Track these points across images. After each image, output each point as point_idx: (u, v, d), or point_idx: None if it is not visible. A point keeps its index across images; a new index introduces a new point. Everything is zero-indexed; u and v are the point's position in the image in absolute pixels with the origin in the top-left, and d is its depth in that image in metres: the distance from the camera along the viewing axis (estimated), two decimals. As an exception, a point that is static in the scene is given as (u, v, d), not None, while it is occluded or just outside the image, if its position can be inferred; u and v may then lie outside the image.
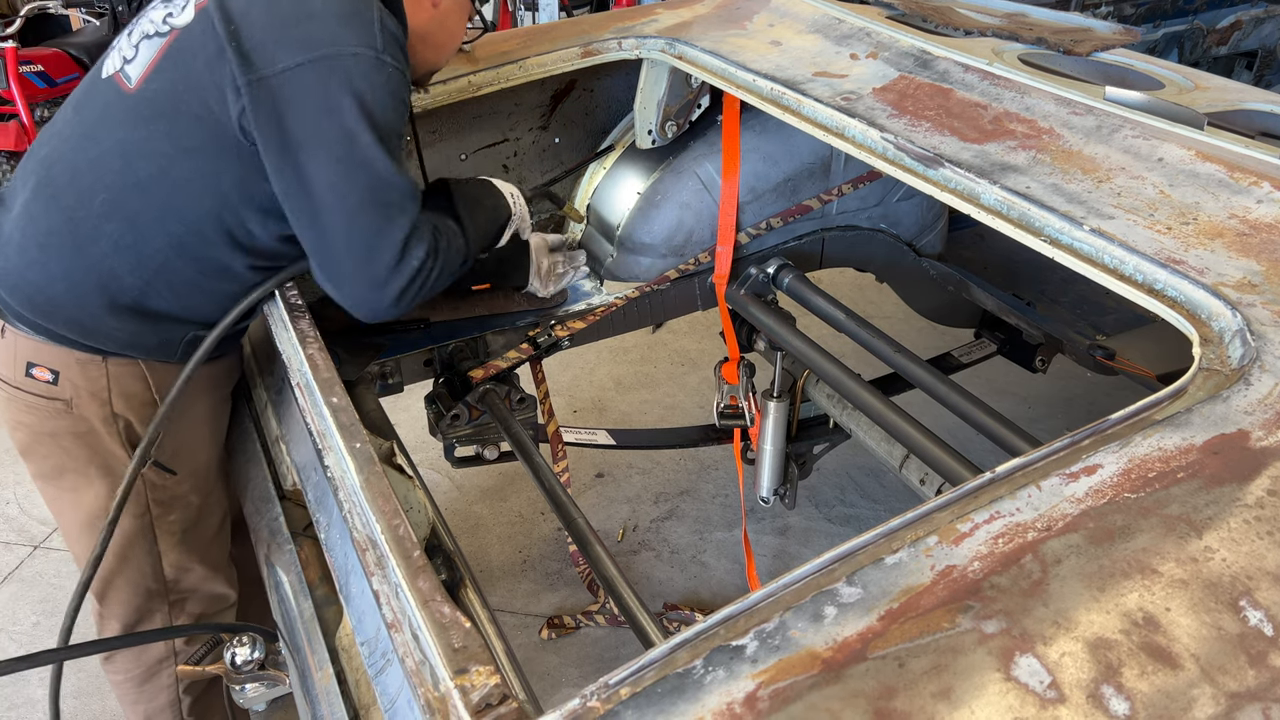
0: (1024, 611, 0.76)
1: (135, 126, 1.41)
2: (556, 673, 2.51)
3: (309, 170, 1.32)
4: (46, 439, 1.57)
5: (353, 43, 1.31)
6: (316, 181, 1.33)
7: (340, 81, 1.30)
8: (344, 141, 1.31)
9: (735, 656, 0.73)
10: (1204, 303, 1.09)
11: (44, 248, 1.45)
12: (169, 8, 1.44)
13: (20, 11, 4.83)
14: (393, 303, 1.42)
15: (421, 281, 1.43)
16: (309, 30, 1.30)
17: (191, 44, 1.37)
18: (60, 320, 1.48)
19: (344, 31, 1.31)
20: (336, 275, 1.41)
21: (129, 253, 1.44)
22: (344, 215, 1.34)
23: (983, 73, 1.62)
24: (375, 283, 1.39)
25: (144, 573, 1.68)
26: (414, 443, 3.15)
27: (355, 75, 1.31)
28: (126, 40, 1.48)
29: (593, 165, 2.24)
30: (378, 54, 1.33)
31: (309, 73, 1.29)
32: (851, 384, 1.85)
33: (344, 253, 1.38)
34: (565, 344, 1.99)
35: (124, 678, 1.80)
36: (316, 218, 1.36)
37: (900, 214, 2.29)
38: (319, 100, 1.30)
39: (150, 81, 1.40)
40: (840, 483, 3.13)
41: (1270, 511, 0.84)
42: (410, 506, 1.33)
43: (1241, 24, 3.42)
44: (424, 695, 0.90)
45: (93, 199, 1.42)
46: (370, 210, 1.34)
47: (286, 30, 1.31)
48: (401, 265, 1.39)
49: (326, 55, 1.30)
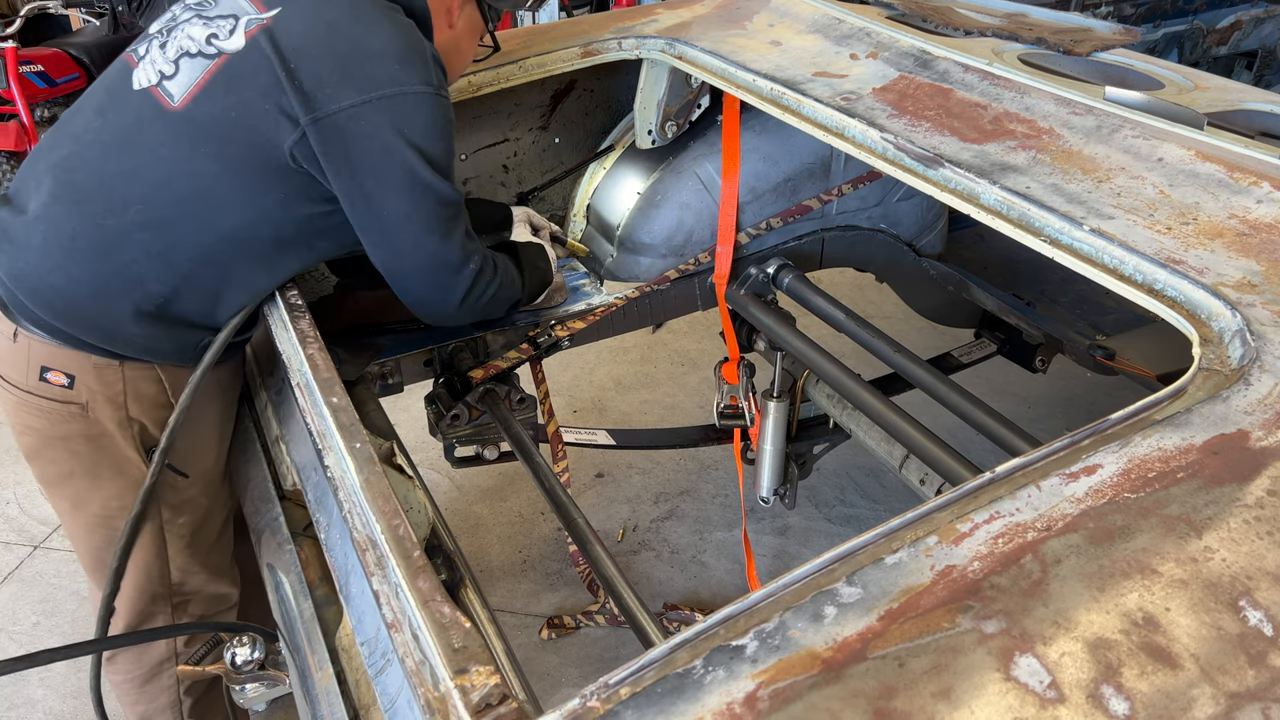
0: (1024, 611, 0.76)
1: (179, 145, 1.43)
2: (556, 673, 2.51)
3: (378, 199, 1.44)
4: (57, 442, 1.57)
5: (414, 82, 1.41)
6: (387, 209, 1.45)
7: (403, 119, 1.40)
8: (410, 174, 1.43)
9: (735, 656, 0.73)
10: (1204, 303, 1.09)
11: (68, 252, 1.45)
12: (210, 27, 1.45)
13: (20, 11, 4.83)
14: (458, 305, 1.58)
15: (482, 289, 1.59)
16: (370, 70, 1.39)
17: (244, 72, 1.41)
18: (80, 324, 1.48)
19: (404, 72, 1.41)
20: (409, 287, 1.56)
21: (158, 260, 1.45)
22: (413, 237, 1.48)
23: (983, 73, 1.62)
24: (442, 286, 1.55)
25: (151, 575, 1.68)
26: (414, 443, 3.15)
27: (417, 113, 1.41)
28: (160, 53, 1.48)
29: (593, 165, 2.24)
30: (435, 91, 1.44)
31: (374, 111, 1.39)
32: (851, 384, 1.85)
33: (413, 267, 1.52)
34: (565, 344, 1.99)
35: (124, 678, 1.80)
36: (388, 239, 1.49)
37: (900, 214, 2.29)
38: (385, 137, 1.40)
39: (199, 103, 1.43)
40: (840, 483, 3.13)
41: (1270, 511, 0.84)
42: (410, 506, 1.33)
43: (1241, 24, 3.42)
44: (424, 695, 0.90)
45: (125, 209, 1.43)
46: (435, 229, 1.48)
47: (348, 69, 1.39)
48: (463, 269, 1.54)
49: (389, 95, 1.39)
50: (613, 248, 2.11)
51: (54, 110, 4.69)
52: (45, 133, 1.57)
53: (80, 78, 4.75)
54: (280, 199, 1.46)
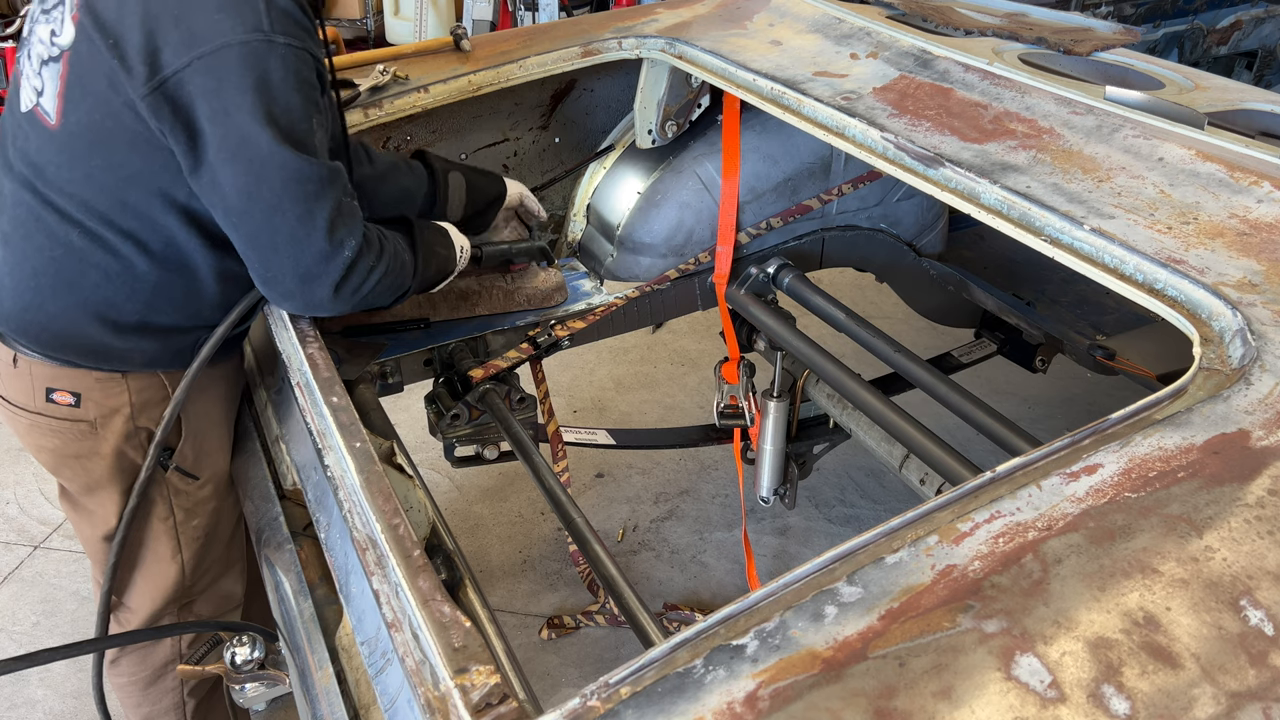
0: (1024, 611, 0.76)
1: (74, 165, 1.35)
2: (556, 673, 2.51)
3: (220, 175, 1.27)
4: (72, 460, 1.57)
5: (242, 30, 1.22)
6: (228, 186, 1.27)
7: (233, 76, 1.21)
8: (247, 142, 1.24)
9: (735, 656, 0.73)
10: (1204, 302, 1.09)
11: (36, 290, 1.43)
12: (50, 22, 1.35)
13: (20, 11, 4.83)
14: (330, 296, 1.35)
15: (360, 278, 1.37)
16: (190, 26, 1.21)
17: (84, 66, 1.29)
18: (72, 351, 1.48)
19: (226, 19, 1.21)
20: (268, 274, 1.35)
21: (120, 279, 1.42)
22: (262, 215, 1.28)
23: (983, 72, 1.62)
24: (307, 276, 1.33)
25: (166, 577, 1.69)
26: (414, 443, 3.15)
27: (248, 67, 1.22)
28: (29, 66, 1.41)
29: (593, 165, 2.24)
30: (267, 36, 1.23)
31: (199, 73, 1.21)
32: (851, 384, 1.85)
33: (270, 251, 1.32)
34: (565, 344, 1.99)
35: (128, 680, 1.79)
36: (238, 221, 1.31)
37: (900, 214, 2.29)
38: (214, 101, 1.22)
39: (67, 115, 1.33)
40: (840, 483, 3.13)
41: (1270, 511, 0.84)
42: (410, 506, 1.33)
43: (1241, 24, 3.42)
44: (424, 695, 0.90)
45: (67, 237, 1.39)
46: (287, 205, 1.27)
47: (166, 30, 1.22)
48: (334, 254, 1.32)
49: (213, 50, 1.21)
50: (613, 247, 2.11)
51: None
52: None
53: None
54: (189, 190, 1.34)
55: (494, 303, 1.96)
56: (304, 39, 1.29)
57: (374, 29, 6.36)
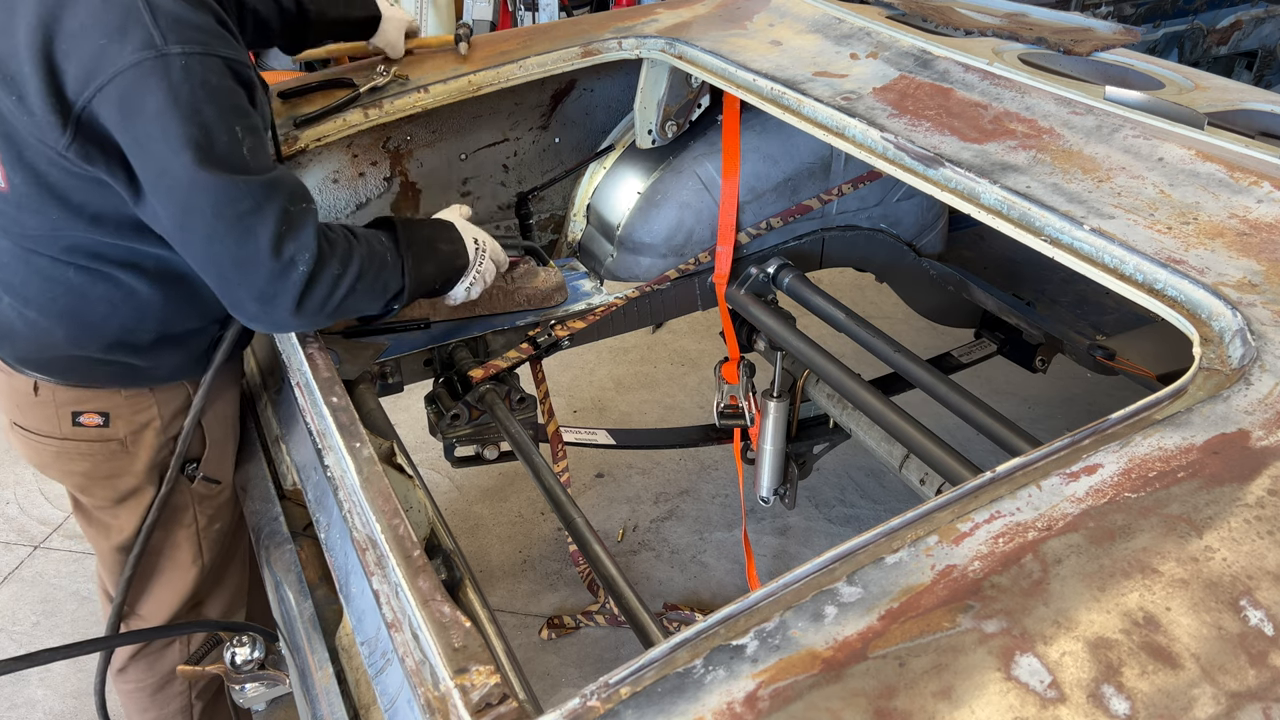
0: (1024, 611, 0.76)
1: (39, 219, 1.31)
2: (556, 673, 2.51)
3: (155, 208, 1.22)
4: (103, 481, 1.57)
5: (126, 53, 1.12)
6: (164, 218, 1.22)
7: (133, 105, 1.13)
8: (166, 173, 1.16)
9: (735, 656, 0.73)
10: (1204, 302, 1.09)
11: (50, 330, 1.43)
12: None
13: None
14: (291, 313, 1.27)
15: (326, 289, 1.28)
16: (79, 58, 1.13)
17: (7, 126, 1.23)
18: (101, 378, 1.48)
19: (113, 44, 1.12)
20: (230, 300, 1.29)
21: (126, 305, 1.41)
22: (201, 243, 1.22)
23: (983, 73, 1.62)
24: (263, 296, 1.25)
25: (185, 583, 1.69)
26: (414, 443, 3.15)
27: (144, 91, 1.12)
28: None
29: (593, 165, 2.24)
30: (159, 51, 1.12)
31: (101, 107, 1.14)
32: (851, 384, 1.85)
33: (220, 278, 1.26)
34: (565, 344, 1.99)
35: (135, 687, 1.79)
36: (183, 250, 1.26)
37: (900, 214, 2.29)
38: (125, 134, 1.15)
39: (11, 178, 1.28)
40: (840, 483, 3.13)
41: (1270, 511, 0.84)
42: (410, 506, 1.33)
43: (1241, 24, 3.42)
44: (424, 695, 0.90)
45: (64, 277, 1.38)
46: (222, 231, 1.19)
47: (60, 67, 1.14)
48: (285, 272, 1.23)
49: (107, 80, 1.12)
50: (613, 247, 2.11)
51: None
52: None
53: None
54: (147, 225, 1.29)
55: (494, 303, 1.96)
56: (206, 41, 1.17)
57: (374, 29, 6.34)
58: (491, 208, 2.20)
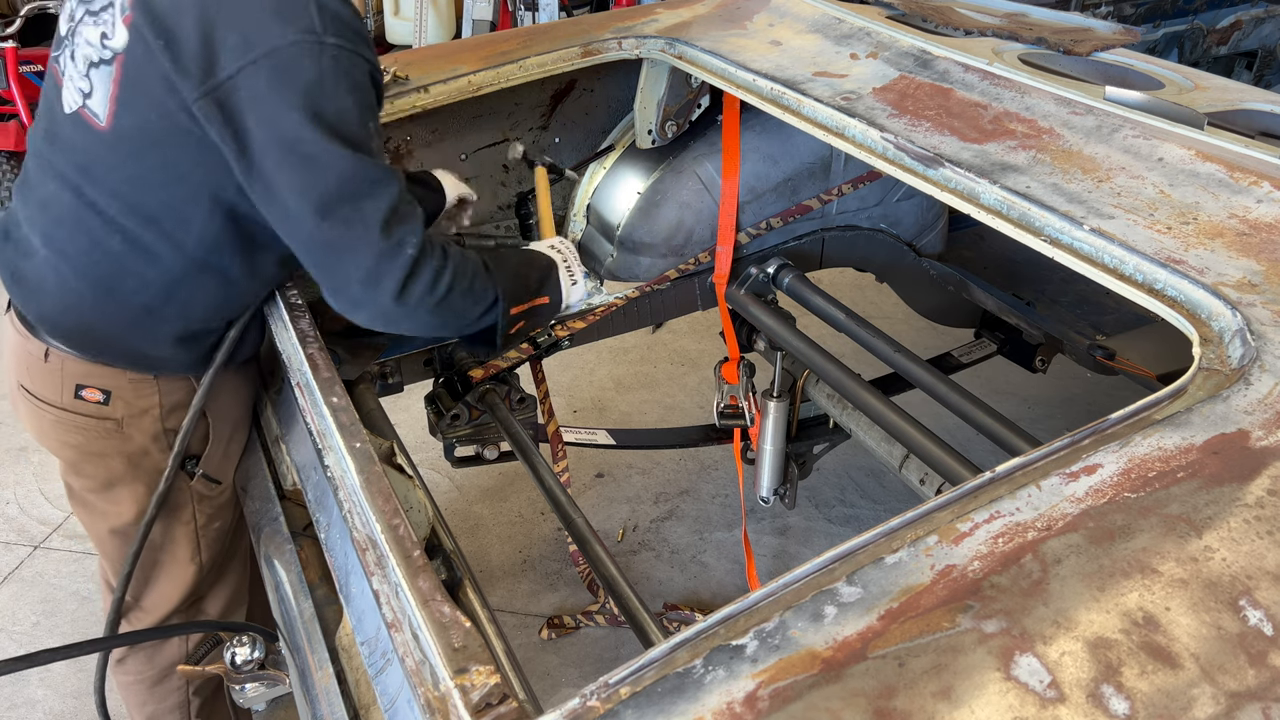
0: (1024, 611, 0.76)
1: (123, 166, 1.36)
2: (556, 673, 2.51)
3: (273, 178, 1.26)
4: (95, 458, 1.57)
5: (292, 32, 1.22)
6: (282, 188, 1.26)
7: (284, 79, 1.22)
8: (300, 141, 1.23)
9: (735, 656, 0.73)
10: (1204, 302, 1.09)
11: (78, 292, 1.44)
12: (99, 24, 1.34)
13: (20, 11, 4.83)
14: (394, 298, 1.30)
15: (429, 279, 1.32)
16: (243, 31, 1.22)
17: (139, 69, 1.29)
18: (109, 354, 1.49)
19: (277, 24, 1.22)
20: (333, 282, 1.33)
21: (156, 285, 1.43)
22: (317, 215, 1.26)
23: (983, 73, 1.62)
24: (369, 277, 1.29)
25: (184, 579, 1.70)
26: (414, 443, 3.15)
27: (299, 69, 1.22)
28: (73, 67, 1.40)
29: (593, 165, 2.24)
30: (318, 38, 1.23)
31: (251, 77, 1.22)
32: (851, 384, 1.85)
33: (329, 254, 1.30)
34: (565, 344, 1.99)
35: (134, 679, 1.80)
36: (295, 225, 1.30)
37: (900, 214, 2.29)
38: (265, 104, 1.23)
39: (119, 118, 1.33)
40: (840, 483, 3.13)
41: (1270, 511, 0.84)
42: (410, 506, 1.33)
43: (1241, 24, 3.42)
44: (424, 695, 0.90)
45: (107, 241, 1.40)
46: (342, 203, 1.26)
47: (221, 35, 1.23)
48: (394, 252, 1.28)
49: (264, 54, 1.21)
50: (613, 248, 2.11)
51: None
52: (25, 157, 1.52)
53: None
54: (236, 189, 1.33)
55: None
56: (356, 43, 1.28)
57: (374, 29, 6.36)
58: (491, 208, 2.20)
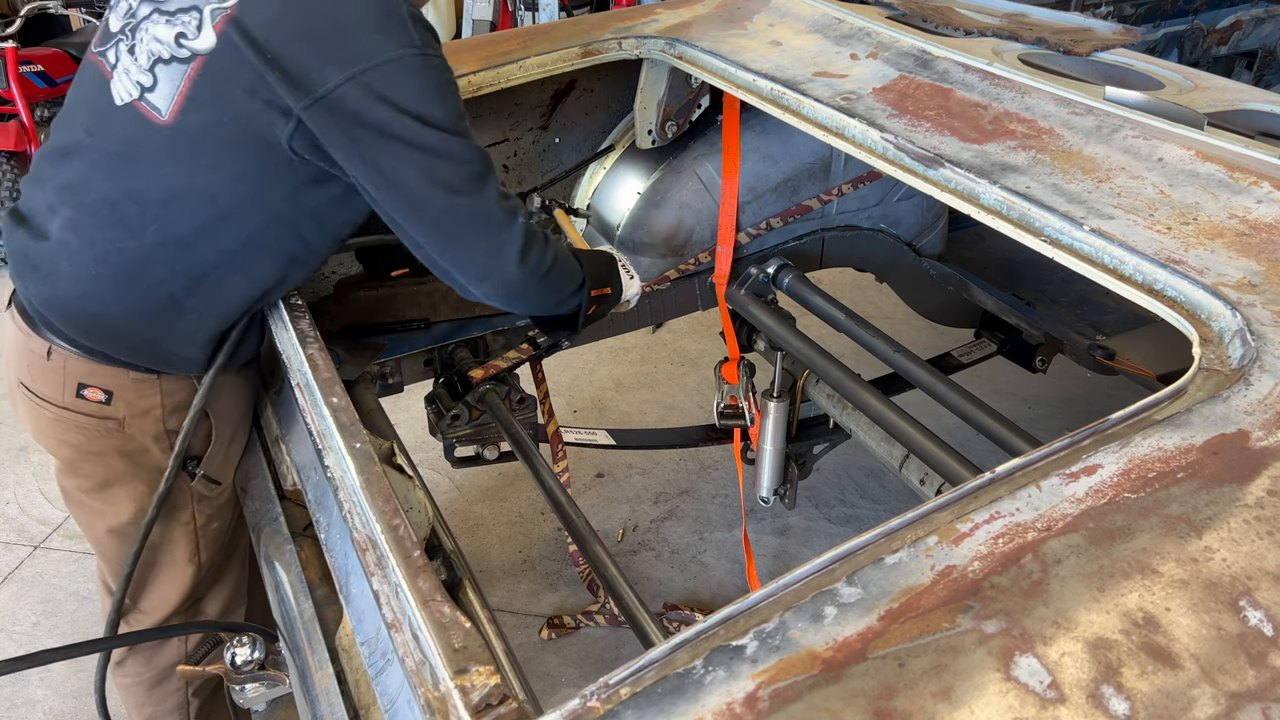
0: (1024, 611, 0.76)
1: (178, 160, 1.39)
2: (556, 673, 2.51)
3: (398, 172, 1.36)
4: (94, 456, 1.57)
5: (395, 46, 1.33)
6: (408, 179, 1.37)
7: (393, 88, 1.32)
8: (416, 143, 1.34)
9: (735, 656, 0.73)
10: (1204, 303, 1.09)
11: (96, 279, 1.44)
12: (175, 25, 1.38)
13: (20, 11, 4.83)
14: (517, 264, 1.45)
15: (540, 251, 1.48)
16: (350, 44, 1.32)
17: (223, 72, 1.35)
18: (118, 346, 1.48)
19: (383, 39, 1.33)
20: (457, 259, 1.45)
21: (184, 277, 1.44)
22: (445, 197, 1.38)
23: (983, 73, 1.62)
24: (494, 248, 1.43)
25: (183, 580, 1.69)
26: (414, 443, 3.15)
27: (406, 78, 1.33)
28: (132, 61, 1.42)
29: (593, 165, 2.24)
30: (420, 51, 1.35)
31: (362, 86, 1.31)
32: (851, 384, 1.85)
33: (455, 233, 1.43)
34: (565, 344, 1.99)
35: (133, 681, 1.80)
36: (420, 211, 1.40)
37: (900, 214, 2.29)
38: (380, 111, 1.32)
39: (187, 113, 1.38)
40: (840, 483, 3.13)
41: (1270, 511, 0.84)
42: (410, 506, 1.33)
43: (1241, 24, 3.42)
44: (424, 695, 0.90)
45: (142, 230, 1.41)
46: (463, 187, 1.39)
47: (327, 48, 1.32)
48: (510, 221, 1.43)
49: (373, 65, 1.31)
50: (613, 248, 2.11)
51: (54, 110, 4.68)
52: (42, 147, 1.53)
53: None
54: (288, 194, 1.42)
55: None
56: (441, 51, 1.41)
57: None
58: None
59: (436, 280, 1.66)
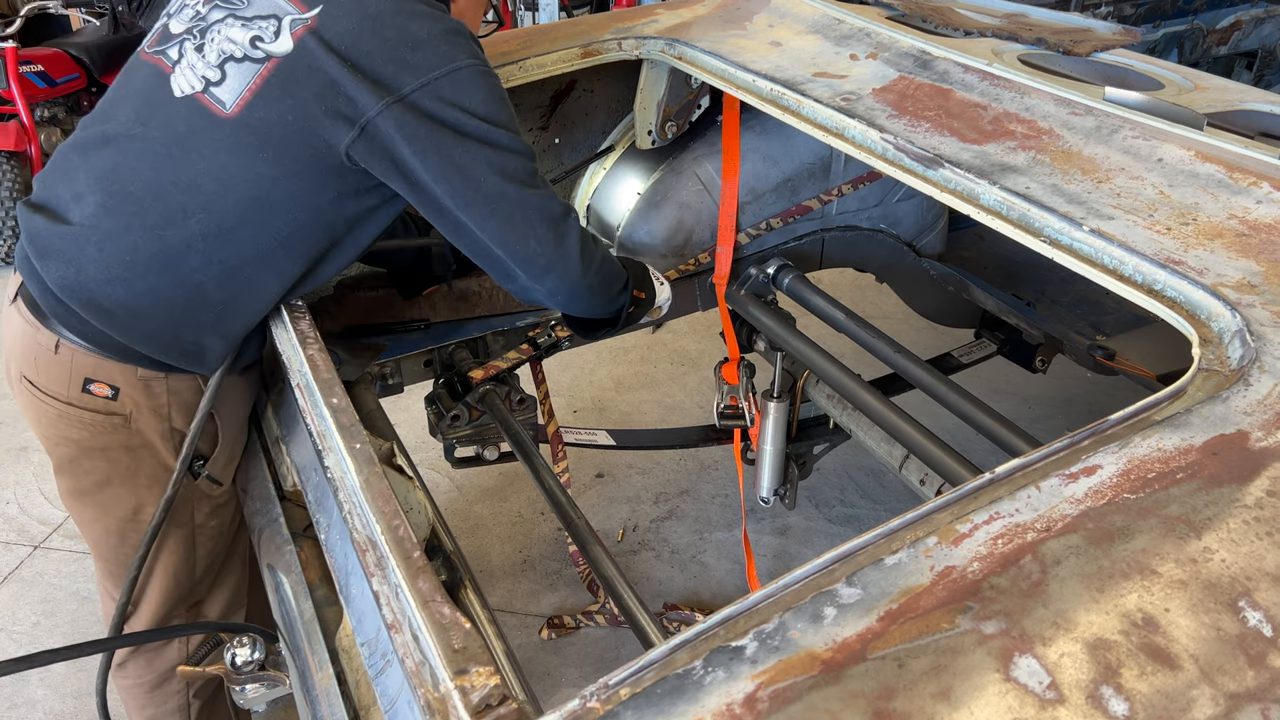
0: (1023, 612, 0.76)
1: (237, 152, 1.43)
2: (556, 673, 2.51)
3: (474, 169, 1.45)
4: (95, 453, 1.57)
5: (464, 57, 1.44)
6: (483, 175, 1.45)
7: (465, 93, 1.44)
8: (489, 140, 1.45)
9: (735, 657, 0.73)
10: (1203, 303, 1.09)
11: (130, 265, 1.44)
12: (251, 29, 1.44)
13: (20, 11, 4.83)
14: (579, 256, 1.54)
15: (592, 243, 1.58)
16: (424, 54, 1.43)
17: (296, 75, 1.41)
18: (137, 336, 1.47)
19: (453, 51, 1.44)
20: (526, 252, 1.52)
21: (218, 268, 1.45)
22: (516, 192, 1.48)
23: (982, 73, 1.62)
24: (558, 237, 1.52)
25: (179, 579, 1.69)
26: (414, 443, 3.15)
27: (475, 86, 1.44)
28: (199, 58, 1.47)
29: (593, 165, 2.24)
30: (483, 64, 1.47)
31: (435, 91, 1.41)
32: (851, 384, 1.85)
33: (526, 227, 1.50)
34: (565, 344, 1.99)
35: (134, 683, 1.79)
36: (494, 206, 1.48)
37: (900, 214, 2.29)
38: (454, 114, 1.42)
39: (253, 109, 1.42)
40: (840, 483, 3.13)
41: (1269, 512, 0.84)
42: (410, 507, 1.33)
43: (1241, 24, 3.42)
44: (424, 696, 0.90)
45: (186, 219, 1.43)
46: (531, 181, 1.50)
47: (403, 57, 1.42)
48: (568, 214, 1.53)
49: (447, 73, 1.42)
50: (613, 248, 2.12)
51: (54, 110, 4.69)
52: (68, 140, 1.54)
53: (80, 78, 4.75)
54: (333, 198, 1.47)
55: (494, 303, 1.96)
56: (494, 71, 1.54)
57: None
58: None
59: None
